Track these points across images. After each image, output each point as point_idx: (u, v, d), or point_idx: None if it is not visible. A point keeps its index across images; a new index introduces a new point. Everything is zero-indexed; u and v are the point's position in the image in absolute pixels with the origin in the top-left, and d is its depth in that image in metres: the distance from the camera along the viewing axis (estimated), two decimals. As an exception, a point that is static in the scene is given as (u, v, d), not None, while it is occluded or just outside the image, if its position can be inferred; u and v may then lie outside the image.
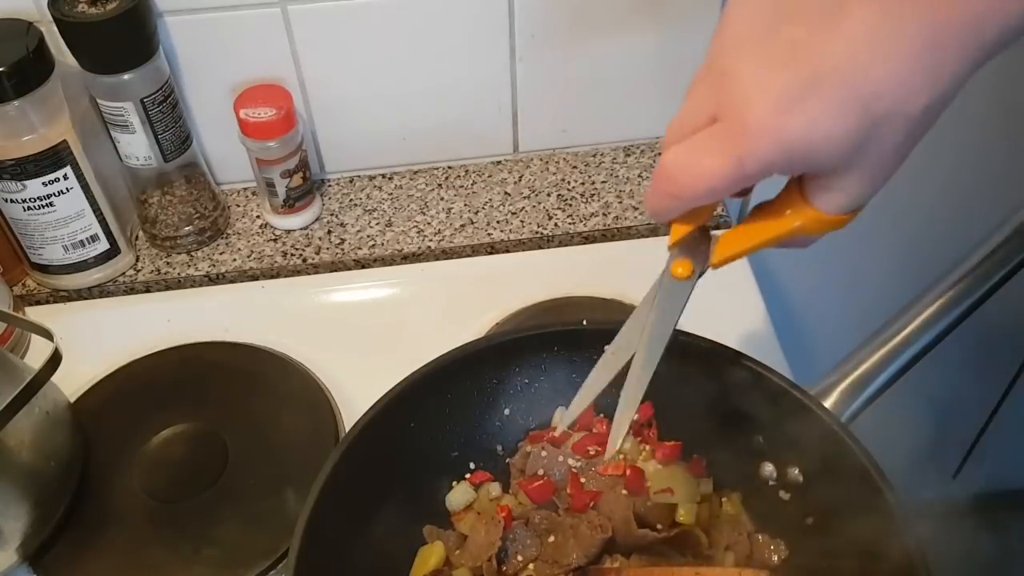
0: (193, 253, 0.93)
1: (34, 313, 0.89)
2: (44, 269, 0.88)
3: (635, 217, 0.94)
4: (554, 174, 0.99)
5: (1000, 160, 1.12)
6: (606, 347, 0.56)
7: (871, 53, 0.39)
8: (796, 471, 0.66)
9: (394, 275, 0.91)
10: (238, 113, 0.86)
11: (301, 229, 0.95)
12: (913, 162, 1.21)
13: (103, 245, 0.88)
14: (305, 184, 0.92)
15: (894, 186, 1.24)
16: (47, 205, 0.82)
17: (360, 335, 0.85)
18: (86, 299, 0.90)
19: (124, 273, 0.91)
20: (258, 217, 0.96)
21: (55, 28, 0.78)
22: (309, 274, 0.92)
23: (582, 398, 0.56)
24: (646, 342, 0.54)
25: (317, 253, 0.93)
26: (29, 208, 0.82)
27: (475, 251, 0.93)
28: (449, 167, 1.00)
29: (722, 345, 0.67)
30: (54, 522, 0.70)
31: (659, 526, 0.65)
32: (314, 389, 0.80)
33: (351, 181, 0.99)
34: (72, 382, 0.80)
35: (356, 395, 0.77)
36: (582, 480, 0.67)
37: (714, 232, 0.55)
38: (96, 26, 0.77)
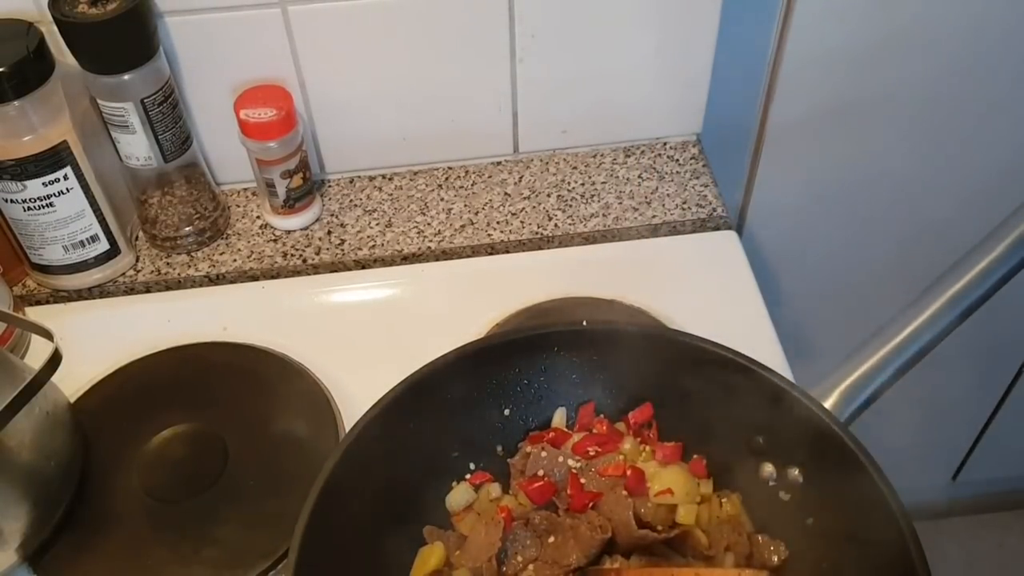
0: (193, 253, 0.93)
1: (34, 313, 0.89)
2: (44, 269, 0.88)
3: (635, 218, 0.94)
4: (554, 175, 0.99)
5: (1001, 159, 1.12)
6: None
7: None
8: (796, 472, 0.66)
9: (394, 276, 0.91)
10: (238, 113, 0.86)
11: (301, 229, 0.95)
12: (915, 161, 1.21)
13: (103, 245, 0.88)
14: (305, 184, 0.92)
15: (895, 187, 1.24)
16: (47, 205, 0.82)
17: (360, 335, 0.85)
18: (86, 299, 0.90)
19: (124, 273, 0.91)
20: (258, 217, 0.96)
21: (55, 28, 0.78)
22: (309, 274, 0.92)
23: None
24: None
25: (317, 254, 0.93)
26: (29, 208, 0.82)
27: (475, 252, 0.93)
28: (449, 168, 1.00)
29: (722, 346, 0.67)
30: (54, 522, 0.70)
31: (659, 527, 0.65)
32: (314, 389, 0.80)
33: (351, 182, 0.99)
34: (72, 382, 0.79)
35: (356, 395, 0.77)
36: (582, 481, 0.67)
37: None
38: (96, 26, 0.77)
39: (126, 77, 0.80)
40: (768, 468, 0.67)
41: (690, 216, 0.94)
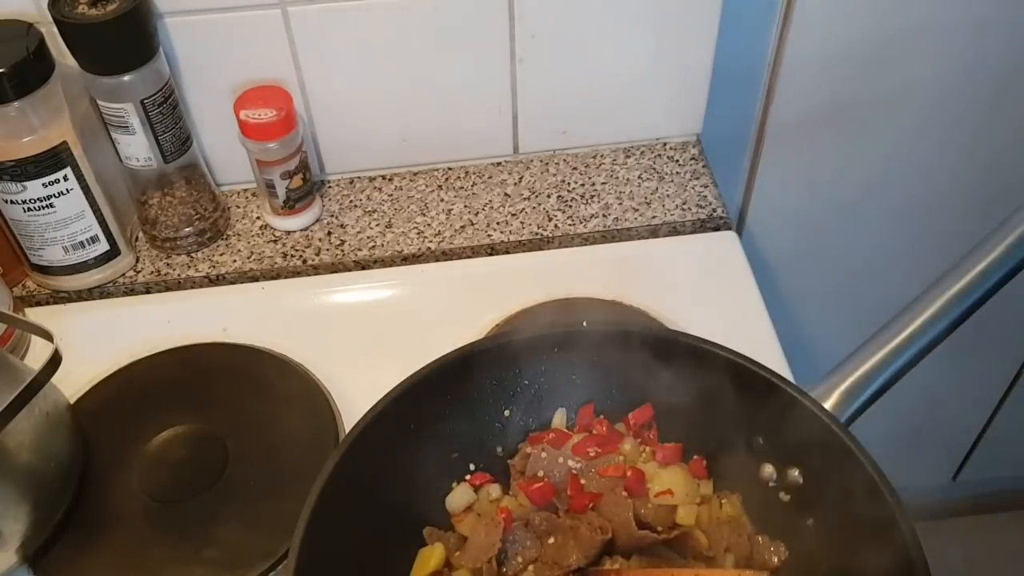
0: (193, 254, 0.93)
1: (34, 314, 0.89)
2: (44, 270, 0.88)
3: (635, 218, 0.94)
4: (554, 175, 0.99)
5: (1002, 160, 1.13)
6: None
7: None
8: (796, 472, 0.66)
9: (394, 276, 0.91)
10: (238, 114, 0.86)
11: (301, 230, 0.95)
12: (915, 162, 1.21)
13: (103, 246, 0.88)
14: (305, 185, 0.92)
15: (895, 187, 1.24)
16: (47, 206, 0.82)
17: (360, 336, 0.85)
18: (86, 300, 0.90)
19: (124, 274, 0.91)
20: (258, 218, 0.96)
21: (55, 29, 0.78)
22: (309, 275, 0.92)
23: None
24: None
25: (317, 254, 0.93)
26: (29, 209, 0.82)
27: (475, 252, 0.93)
28: (449, 168, 1.00)
29: (722, 346, 0.67)
30: (54, 523, 0.70)
31: (659, 527, 0.65)
32: (314, 390, 0.80)
33: (351, 182, 0.99)
34: (72, 383, 0.79)
35: (356, 396, 0.77)
36: (582, 481, 0.67)
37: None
38: (96, 27, 0.77)
39: (126, 78, 0.80)
40: (768, 469, 0.67)
41: (690, 217, 0.94)
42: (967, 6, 0.96)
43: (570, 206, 0.96)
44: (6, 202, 0.82)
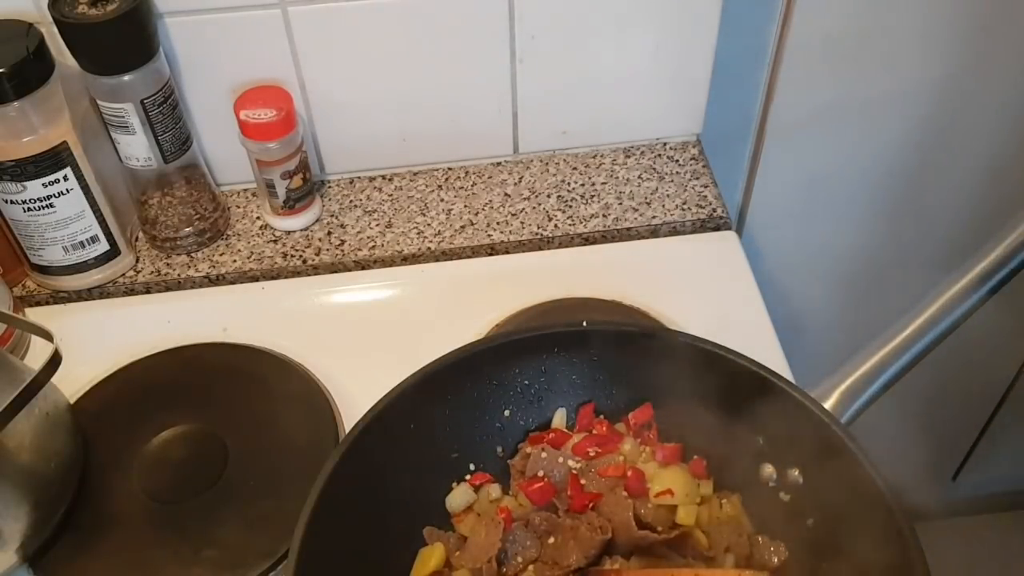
0: (193, 254, 0.93)
1: (34, 314, 0.89)
2: (44, 270, 0.88)
3: (635, 219, 0.94)
4: (554, 175, 0.99)
5: (1003, 159, 1.13)
6: None
7: None
8: (796, 472, 0.66)
9: (394, 276, 0.91)
10: (238, 114, 0.86)
11: (301, 230, 0.95)
12: (915, 161, 1.21)
13: (103, 246, 0.88)
14: (305, 185, 0.92)
15: (895, 187, 1.24)
16: (47, 206, 0.82)
17: (360, 336, 0.85)
18: (86, 300, 0.90)
19: (124, 274, 0.91)
20: (258, 218, 0.96)
21: (55, 29, 0.78)
22: (309, 275, 0.92)
23: None
24: None
25: (317, 254, 0.93)
26: (29, 209, 0.82)
27: (475, 252, 0.93)
28: (449, 168, 1.00)
29: (722, 346, 0.67)
30: (54, 523, 0.70)
31: (659, 527, 0.65)
32: (314, 390, 0.80)
33: (351, 182, 0.99)
34: (72, 383, 0.79)
35: (356, 396, 0.77)
36: (582, 481, 0.67)
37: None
38: (96, 27, 0.77)
39: (126, 78, 0.80)
40: (768, 469, 0.67)
41: (690, 216, 0.94)
42: (967, 5, 0.96)
43: (570, 206, 0.96)
44: (6, 202, 0.82)
